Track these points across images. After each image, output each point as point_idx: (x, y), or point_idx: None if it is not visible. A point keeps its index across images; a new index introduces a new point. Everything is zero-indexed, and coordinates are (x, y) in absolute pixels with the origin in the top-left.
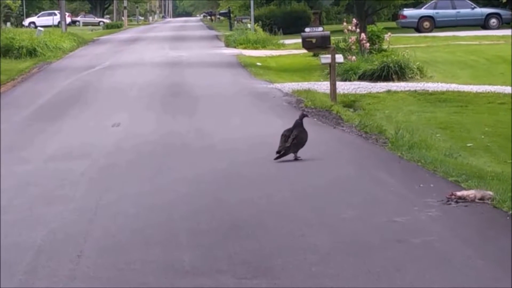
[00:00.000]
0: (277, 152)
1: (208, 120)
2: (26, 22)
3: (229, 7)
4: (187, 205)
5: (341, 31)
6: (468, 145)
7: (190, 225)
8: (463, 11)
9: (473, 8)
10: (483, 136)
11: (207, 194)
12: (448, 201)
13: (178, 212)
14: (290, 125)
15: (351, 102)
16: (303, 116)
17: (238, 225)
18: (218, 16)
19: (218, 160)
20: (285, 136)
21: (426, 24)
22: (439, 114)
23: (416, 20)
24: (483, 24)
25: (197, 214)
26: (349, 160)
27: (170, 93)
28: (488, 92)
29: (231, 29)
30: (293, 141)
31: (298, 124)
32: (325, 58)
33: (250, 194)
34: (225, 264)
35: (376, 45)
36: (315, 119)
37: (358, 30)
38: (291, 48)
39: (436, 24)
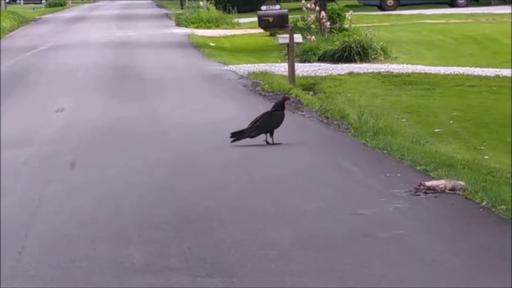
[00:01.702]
0: (232, 134)
1: (159, 104)
2: None
3: None
4: (138, 197)
5: (300, 9)
6: (436, 130)
7: (141, 219)
8: None
9: None
10: (451, 121)
11: (159, 184)
12: (417, 191)
13: (127, 205)
14: (245, 109)
15: (310, 85)
16: (284, 99)
17: (192, 219)
18: None
19: (170, 147)
20: (257, 117)
21: (390, 1)
22: (405, 98)
23: None
24: (450, 1)
25: (148, 206)
26: (310, 147)
27: (118, 75)
28: (457, 74)
29: (182, 7)
30: (255, 123)
31: (275, 106)
32: (283, 38)
33: (205, 185)
34: (179, 261)
35: (337, 24)
36: (272, 103)
37: (317, 8)
38: (246, 27)
39: (401, 2)
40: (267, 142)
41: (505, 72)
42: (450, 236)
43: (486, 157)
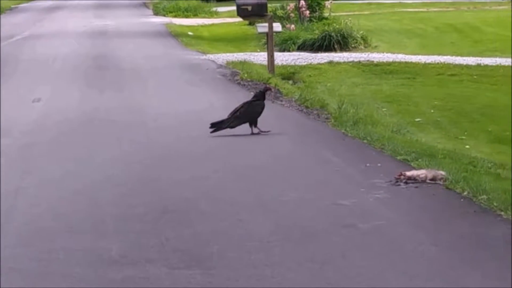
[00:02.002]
0: (212, 125)
1: (136, 94)
2: None
3: None
4: (115, 188)
5: None
6: (417, 120)
7: (118, 210)
8: None
9: None
10: (432, 111)
11: (137, 175)
12: (397, 181)
13: (105, 196)
14: (224, 99)
15: (290, 74)
16: (265, 89)
17: (170, 210)
18: None
19: (148, 138)
20: (236, 108)
21: None
22: (385, 87)
23: None
24: None
25: (126, 197)
26: (289, 137)
27: (95, 65)
28: (438, 63)
29: None
30: (235, 113)
31: (255, 96)
32: (262, 27)
33: (184, 175)
34: (156, 252)
35: (317, 13)
36: (252, 93)
37: None
38: (225, 16)
39: None
40: (254, 133)
41: (486, 60)
42: (431, 227)
43: (467, 146)
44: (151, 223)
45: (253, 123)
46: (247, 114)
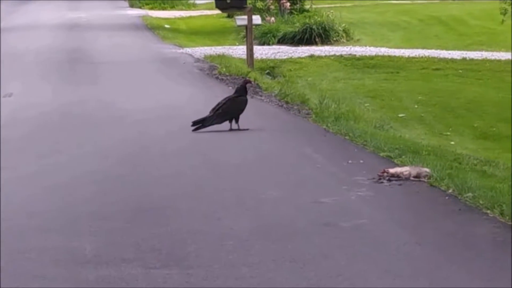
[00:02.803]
0: (194, 123)
1: (112, 89)
2: None
3: None
4: (90, 185)
5: None
6: (400, 115)
7: (93, 208)
8: None
9: None
10: (416, 106)
11: (112, 172)
12: (380, 179)
13: (79, 193)
14: (202, 94)
15: (270, 69)
16: (245, 82)
17: (146, 208)
18: None
19: (124, 133)
20: (219, 103)
21: None
22: (368, 81)
23: None
24: None
25: (100, 195)
26: (269, 133)
27: (69, 59)
28: (422, 57)
29: None
30: (217, 110)
31: (237, 91)
32: (241, 20)
33: (160, 172)
34: (132, 252)
35: (298, 5)
36: (230, 88)
37: None
38: (203, 8)
39: None
40: (232, 129)
41: (472, 54)
42: (415, 225)
43: (452, 143)
44: (126, 221)
45: (235, 119)
46: (230, 110)
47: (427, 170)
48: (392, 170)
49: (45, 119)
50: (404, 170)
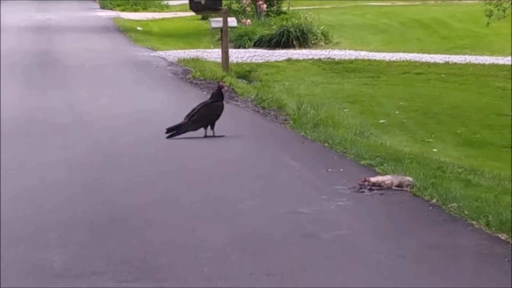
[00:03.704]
0: (168, 130)
1: (81, 94)
2: None
3: None
4: (58, 195)
5: None
6: (381, 121)
7: (61, 218)
8: None
9: None
10: (397, 112)
11: (80, 181)
12: (361, 188)
13: (46, 203)
14: (175, 99)
15: (246, 73)
16: (219, 87)
17: (117, 218)
18: None
19: (93, 140)
20: (194, 109)
21: None
22: (347, 86)
23: None
24: None
25: (69, 205)
26: (245, 140)
27: (37, 62)
28: (403, 61)
29: None
30: (192, 117)
31: (213, 96)
32: (216, 22)
33: (132, 181)
34: (103, 264)
35: (274, 7)
36: (205, 93)
37: None
38: (176, 10)
39: None
40: (207, 136)
41: (455, 58)
42: (397, 236)
43: (435, 150)
44: (96, 233)
45: (211, 126)
46: (206, 116)
47: (410, 179)
48: (373, 179)
49: (10, 126)
50: (386, 179)
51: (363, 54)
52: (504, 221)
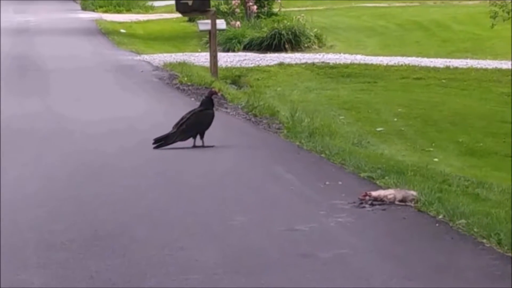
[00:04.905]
0: (156, 140)
1: (62, 100)
2: None
3: None
4: (36, 209)
5: None
6: (378, 129)
7: (41, 236)
8: None
9: None
10: (395, 119)
11: (62, 194)
12: (362, 203)
13: (24, 219)
14: (161, 106)
15: (235, 78)
16: (211, 94)
17: (100, 235)
18: None
19: (74, 150)
20: (182, 118)
21: None
22: (343, 92)
23: None
24: None
25: (48, 220)
26: (237, 150)
27: (15, 66)
28: (401, 65)
29: None
30: (180, 126)
31: (203, 104)
32: (204, 24)
33: (116, 194)
34: (85, 286)
35: (265, 8)
36: (193, 99)
37: None
38: (161, 11)
39: None
40: (196, 146)
41: (456, 62)
42: (402, 256)
43: (436, 159)
44: (78, 251)
45: (200, 135)
46: (195, 126)
47: (414, 193)
48: (374, 193)
49: None
50: (388, 193)
51: (359, 58)
52: None
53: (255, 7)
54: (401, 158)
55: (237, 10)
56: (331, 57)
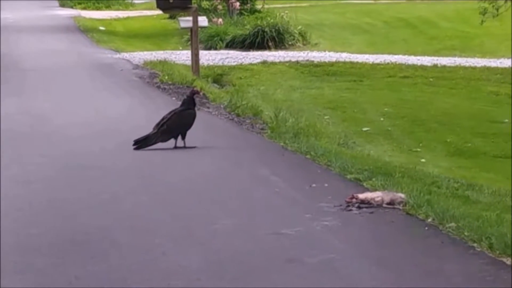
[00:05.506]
0: (136, 141)
1: (40, 100)
2: None
3: None
4: (14, 213)
5: None
6: (364, 129)
7: (18, 241)
8: None
9: None
10: (382, 119)
11: (39, 197)
12: (349, 206)
13: (2, 222)
14: (142, 105)
15: (217, 76)
16: (192, 93)
17: (80, 240)
18: None
19: (52, 152)
20: (163, 118)
21: None
22: (328, 91)
23: None
24: None
25: (26, 225)
26: (219, 152)
27: None
28: (388, 63)
29: None
30: (161, 127)
31: (184, 103)
32: (185, 21)
33: (96, 198)
34: None
35: (248, 5)
36: (174, 98)
37: None
38: (141, 8)
39: None
40: (177, 147)
41: (444, 60)
42: (392, 261)
43: (423, 160)
44: (57, 257)
45: (182, 136)
46: (177, 126)
47: (402, 195)
48: (361, 196)
49: None
50: (376, 195)
51: (344, 56)
52: (508, 243)
53: (237, 4)
54: (388, 158)
55: (219, 7)
56: (316, 55)
